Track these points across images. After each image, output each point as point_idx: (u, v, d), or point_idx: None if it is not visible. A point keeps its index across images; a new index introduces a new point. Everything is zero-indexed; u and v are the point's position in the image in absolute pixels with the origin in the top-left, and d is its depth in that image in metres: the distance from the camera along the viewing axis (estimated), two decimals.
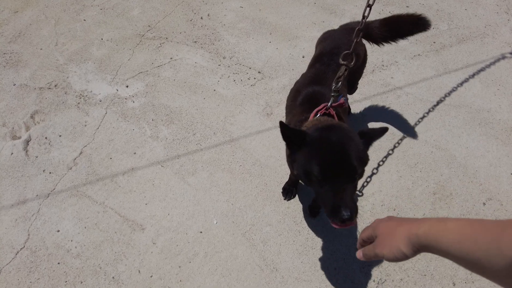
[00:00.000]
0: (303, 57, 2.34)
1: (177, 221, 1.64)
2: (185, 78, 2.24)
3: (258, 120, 2.01)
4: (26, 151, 1.89)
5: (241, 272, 1.49)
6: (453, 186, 1.72)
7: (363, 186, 1.72)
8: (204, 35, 2.50)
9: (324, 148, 0.93)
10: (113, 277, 1.49)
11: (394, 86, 2.16)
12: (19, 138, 1.95)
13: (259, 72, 2.26)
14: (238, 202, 1.69)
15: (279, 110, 2.05)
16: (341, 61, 1.15)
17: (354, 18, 2.60)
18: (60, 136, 1.95)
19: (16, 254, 1.55)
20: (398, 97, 2.10)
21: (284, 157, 1.82)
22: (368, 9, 1.13)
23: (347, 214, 0.87)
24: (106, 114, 2.05)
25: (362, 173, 0.96)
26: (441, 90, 2.13)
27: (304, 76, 1.49)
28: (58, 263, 1.53)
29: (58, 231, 1.61)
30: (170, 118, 2.03)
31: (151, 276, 1.49)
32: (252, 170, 1.80)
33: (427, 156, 1.83)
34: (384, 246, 0.60)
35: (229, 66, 2.30)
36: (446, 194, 1.70)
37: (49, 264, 1.53)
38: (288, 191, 1.69)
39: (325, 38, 1.59)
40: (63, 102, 2.11)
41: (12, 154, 1.87)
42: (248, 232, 1.60)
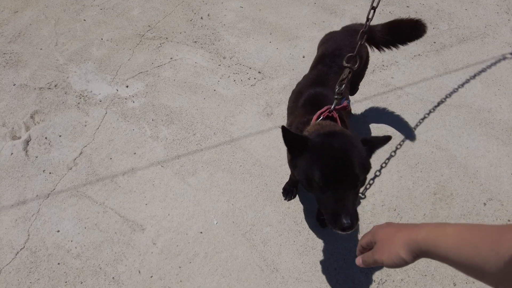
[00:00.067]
0: (303, 57, 2.34)
1: (177, 221, 1.64)
2: (185, 78, 2.24)
3: (258, 120, 2.01)
4: (26, 151, 1.88)
5: (241, 272, 1.49)
6: (453, 186, 1.72)
7: (366, 188, 1.71)
8: (204, 35, 2.50)
9: (326, 154, 0.92)
10: (113, 277, 1.49)
11: (395, 86, 2.15)
12: (19, 138, 1.95)
13: (259, 72, 2.26)
14: (239, 203, 1.69)
15: (279, 110, 2.05)
16: (345, 63, 1.13)
17: (354, 18, 2.60)
18: (60, 136, 1.95)
19: (16, 254, 1.55)
20: (398, 97, 2.10)
21: (284, 157, 1.82)
22: (372, 11, 1.11)
23: (348, 222, 0.86)
24: (106, 114, 2.05)
25: (364, 180, 0.95)
26: (441, 90, 2.13)
27: (306, 77, 1.48)
28: (58, 264, 1.52)
29: (58, 231, 1.61)
30: (170, 118, 2.03)
31: (151, 276, 1.49)
32: (252, 170, 1.80)
33: (428, 156, 1.83)
34: (383, 252, 0.60)
35: (229, 66, 2.29)
36: (447, 194, 1.70)
37: (49, 264, 1.52)
38: (288, 192, 1.69)
39: (327, 40, 1.58)
40: (63, 102, 2.11)
41: (12, 154, 1.87)
42: (248, 232, 1.60)
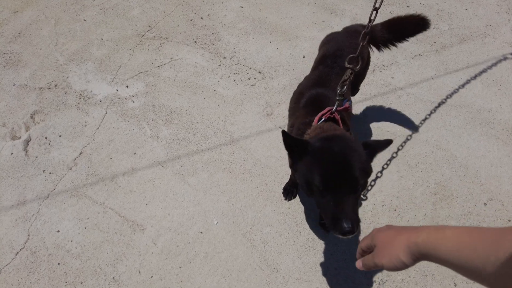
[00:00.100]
0: (304, 57, 2.34)
1: (177, 221, 1.64)
2: (185, 78, 2.24)
3: (258, 120, 2.01)
4: (26, 151, 1.88)
5: (241, 272, 1.49)
6: (454, 186, 1.72)
7: (367, 190, 1.71)
8: (204, 35, 2.50)
9: (326, 158, 0.91)
10: (113, 277, 1.48)
11: (395, 86, 2.15)
12: (19, 138, 1.94)
13: (260, 72, 2.26)
14: (239, 203, 1.69)
15: (280, 110, 2.05)
16: (346, 64, 1.12)
17: (355, 18, 2.60)
18: (60, 136, 1.95)
19: (16, 254, 1.55)
20: (398, 97, 2.10)
21: (284, 157, 1.82)
22: (374, 12, 1.09)
23: (348, 226, 0.85)
24: (106, 114, 2.04)
25: (365, 184, 0.94)
26: (441, 90, 2.13)
27: (307, 78, 1.48)
28: (58, 264, 1.52)
29: (58, 232, 1.61)
30: (170, 118, 2.02)
31: (152, 276, 1.49)
32: (252, 170, 1.80)
33: (428, 156, 1.83)
34: (383, 255, 0.60)
35: (229, 66, 2.29)
36: (447, 194, 1.70)
37: (49, 264, 1.52)
38: (288, 192, 1.68)
39: (328, 40, 1.58)
40: (63, 102, 2.10)
41: (12, 154, 1.87)
42: (248, 232, 1.60)
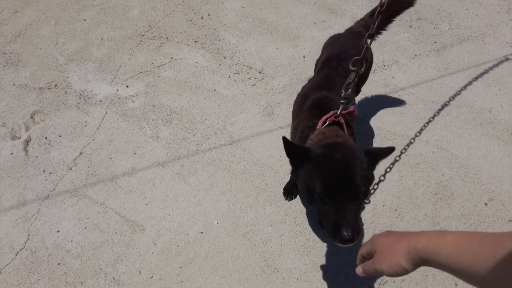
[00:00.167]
0: (304, 57, 2.34)
1: (177, 221, 1.63)
2: (185, 78, 2.23)
3: (259, 120, 2.00)
4: (26, 151, 1.88)
5: (242, 272, 1.49)
6: (454, 187, 1.72)
7: (370, 193, 1.70)
8: (204, 35, 2.49)
9: (327, 165, 0.91)
10: (113, 277, 1.48)
11: (395, 86, 2.15)
12: (19, 138, 1.94)
13: (260, 72, 2.25)
14: (239, 203, 1.68)
15: (280, 110, 2.04)
16: (351, 67, 1.10)
17: (355, 18, 2.59)
18: (60, 136, 1.95)
19: (16, 254, 1.55)
20: (399, 97, 2.09)
21: (285, 157, 1.81)
22: (378, 13, 1.06)
23: (348, 234, 0.84)
24: (106, 114, 2.04)
25: (367, 192, 0.93)
26: (442, 90, 2.12)
27: (311, 80, 1.47)
28: (58, 264, 1.52)
29: (58, 232, 1.61)
30: (170, 118, 2.02)
31: (152, 276, 1.48)
32: (253, 170, 1.79)
33: (429, 156, 1.83)
34: (383, 261, 0.60)
35: (229, 66, 2.29)
36: (448, 194, 1.69)
37: (49, 264, 1.52)
38: (289, 192, 1.68)
39: (331, 42, 1.58)
40: (63, 102, 2.10)
41: (12, 154, 1.86)
42: (249, 232, 1.59)
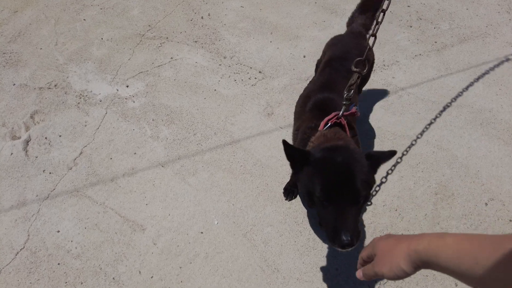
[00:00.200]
0: (304, 56, 2.33)
1: (177, 221, 1.63)
2: (185, 78, 2.23)
3: (259, 120, 2.00)
4: (26, 151, 1.88)
5: (242, 273, 1.48)
6: (455, 186, 1.72)
7: (372, 195, 1.70)
8: (204, 35, 2.49)
9: (327, 168, 0.90)
10: (113, 278, 1.48)
11: (396, 86, 2.15)
12: (19, 138, 1.94)
13: (260, 72, 2.25)
14: (239, 203, 1.68)
15: (280, 110, 2.04)
16: (353, 68, 1.09)
17: None
18: (60, 136, 1.94)
19: (16, 254, 1.54)
20: (399, 97, 2.09)
21: (285, 157, 1.81)
22: (382, 14, 1.07)
23: (347, 239, 0.84)
24: (106, 114, 2.04)
25: (368, 196, 0.92)
26: (442, 90, 2.12)
27: (313, 81, 1.47)
28: (58, 264, 1.52)
29: (58, 232, 1.61)
30: (170, 118, 2.02)
31: (152, 277, 1.48)
32: (253, 170, 1.79)
33: (429, 156, 1.83)
34: (384, 264, 0.59)
35: (229, 66, 2.29)
36: (448, 194, 1.69)
37: (49, 264, 1.52)
38: (289, 192, 1.68)
39: (334, 43, 1.58)
40: (63, 102, 2.10)
41: (11, 154, 1.86)
42: (249, 232, 1.59)
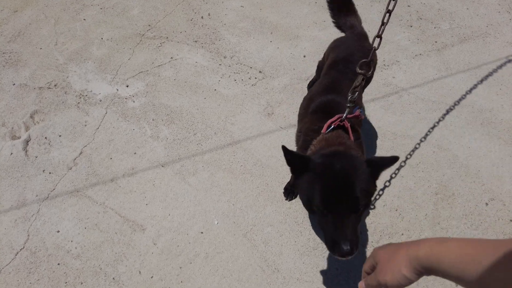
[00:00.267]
0: (304, 56, 2.33)
1: (178, 221, 1.63)
2: (185, 77, 2.23)
3: (259, 120, 2.00)
4: (26, 151, 1.87)
5: (242, 273, 1.48)
6: (455, 186, 1.71)
7: (375, 199, 1.69)
8: (204, 35, 2.49)
9: (327, 175, 0.89)
10: (113, 278, 1.48)
11: (396, 85, 2.15)
12: (19, 138, 1.94)
13: (260, 71, 2.25)
14: (239, 203, 1.68)
15: (280, 110, 2.04)
16: (358, 70, 1.07)
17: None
18: (60, 136, 1.94)
19: (15, 255, 1.54)
20: (400, 96, 2.09)
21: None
22: (388, 15, 1.05)
23: (347, 248, 0.83)
24: (106, 114, 2.04)
25: (368, 204, 0.91)
26: (443, 90, 2.12)
27: (318, 84, 1.46)
28: (58, 264, 1.52)
29: (58, 232, 1.60)
30: (170, 118, 2.02)
31: (152, 277, 1.48)
32: (253, 170, 1.79)
33: (429, 156, 1.82)
34: (386, 272, 0.58)
35: (229, 66, 2.29)
36: (448, 194, 1.69)
37: (49, 265, 1.52)
38: (289, 192, 1.68)
39: (337, 45, 1.57)
40: (63, 102, 2.10)
41: (11, 154, 1.86)
42: (249, 232, 1.59)
